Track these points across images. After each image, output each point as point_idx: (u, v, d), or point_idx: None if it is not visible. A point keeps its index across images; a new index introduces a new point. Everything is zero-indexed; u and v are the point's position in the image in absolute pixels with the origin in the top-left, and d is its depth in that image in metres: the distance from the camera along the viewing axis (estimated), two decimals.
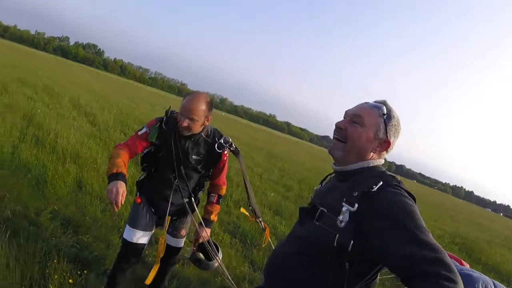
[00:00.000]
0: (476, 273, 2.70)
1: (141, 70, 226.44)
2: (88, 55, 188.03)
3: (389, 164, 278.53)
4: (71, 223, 4.41)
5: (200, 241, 3.06)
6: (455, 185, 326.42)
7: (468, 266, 3.03)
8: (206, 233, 3.07)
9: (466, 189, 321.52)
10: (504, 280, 8.34)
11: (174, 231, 3.16)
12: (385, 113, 1.69)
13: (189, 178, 2.95)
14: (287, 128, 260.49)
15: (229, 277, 2.83)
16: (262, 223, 3.07)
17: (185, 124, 2.70)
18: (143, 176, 3.05)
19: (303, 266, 1.65)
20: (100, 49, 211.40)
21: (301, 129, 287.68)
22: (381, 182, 1.54)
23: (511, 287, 6.14)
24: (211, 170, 3.07)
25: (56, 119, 9.91)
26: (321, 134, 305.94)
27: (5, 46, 48.77)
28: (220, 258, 3.11)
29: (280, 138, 56.04)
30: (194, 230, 3.15)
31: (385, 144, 1.71)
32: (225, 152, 2.98)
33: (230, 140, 3.00)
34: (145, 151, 2.92)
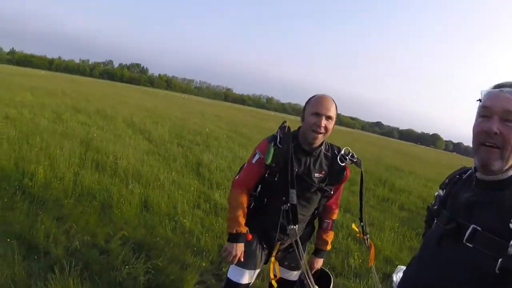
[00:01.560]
0: None
1: (186, 81, 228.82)
2: (133, 75, 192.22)
3: (446, 143, 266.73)
4: (143, 247, 4.24)
5: (313, 272, 2.77)
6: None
7: None
8: (318, 264, 2.79)
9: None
10: None
11: (291, 263, 2.76)
12: None
13: (310, 202, 2.58)
14: (337, 119, 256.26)
15: None
16: (368, 241, 2.75)
17: (323, 123, 2.34)
18: (251, 205, 2.61)
19: None
20: (144, 67, 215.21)
21: (351, 118, 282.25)
22: None
23: None
24: (332, 189, 2.64)
25: (113, 140, 9.93)
26: (372, 121, 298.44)
27: (54, 78, 50.52)
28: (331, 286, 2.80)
29: (334, 131, 54.77)
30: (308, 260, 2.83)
31: None
32: (347, 165, 2.60)
33: (351, 150, 2.62)
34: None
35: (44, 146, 7.40)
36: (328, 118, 2.36)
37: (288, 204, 2.34)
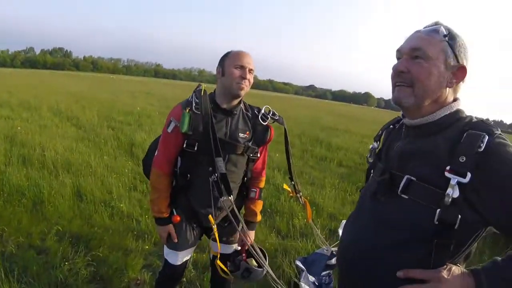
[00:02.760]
0: None
1: (113, 61, 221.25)
2: (57, 60, 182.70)
3: (378, 101, 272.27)
4: (81, 239, 4.08)
5: (246, 247, 2.54)
6: None
7: None
8: (250, 237, 2.50)
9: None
10: None
11: (229, 238, 2.64)
12: (446, 33, 1.32)
13: (238, 165, 2.43)
14: (270, 85, 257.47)
15: (278, 281, 2.31)
16: (302, 198, 2.74)
17: (248, 76, 2.25)
18: (174, 183, 2.46)
19: (403, 258, 1.31)
20: (67, 50, 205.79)
21: (284, 83, 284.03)
22: (486, 136, 1.20)
23: None
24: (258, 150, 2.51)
25: (38, 132, 9.44)
26: (305, 85, 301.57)
27: None
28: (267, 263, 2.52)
29: (267, 97, 55.22)
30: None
31: (460, 72, 1.35)
32: (270, 125, 2.50)
33: (271, 109, 2.50)
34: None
35: None
36: (250, 71, 2.27)
37: (217, 174, 2.15)
